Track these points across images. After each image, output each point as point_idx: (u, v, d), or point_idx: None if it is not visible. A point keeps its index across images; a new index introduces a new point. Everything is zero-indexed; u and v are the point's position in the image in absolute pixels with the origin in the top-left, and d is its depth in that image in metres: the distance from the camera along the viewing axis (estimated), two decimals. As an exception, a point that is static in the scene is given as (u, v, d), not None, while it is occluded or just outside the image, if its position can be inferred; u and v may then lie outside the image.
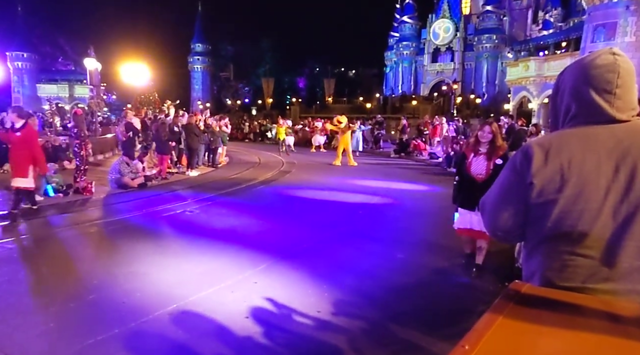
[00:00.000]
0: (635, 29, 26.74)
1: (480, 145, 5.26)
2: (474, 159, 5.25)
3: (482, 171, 5.16)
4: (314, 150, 24.21)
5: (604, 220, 1.41)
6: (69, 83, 58.25)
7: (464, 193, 5.32)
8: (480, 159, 5.21)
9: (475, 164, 5.22)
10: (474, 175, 5.19)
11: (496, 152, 5.15)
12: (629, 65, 1.50)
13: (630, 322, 1.18)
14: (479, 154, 5.23)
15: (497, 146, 5.18)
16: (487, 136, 5.20)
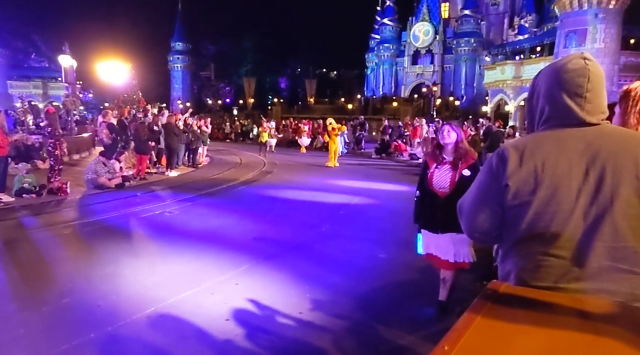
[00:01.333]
0: (604, 36, 27.56)
1: (444, 151, 4.23)
2: (436, 170, 4.21)
3: (445, 184, 4.13)
4: (304, 151, 24.19)
5: (575, 222, 1.44)
6: (43, 80, 56.80)
7: (425, 211, 4.34)
8: (444, 169, 4.16)
9: (437, 175, 4.19)
10: (436, 190, 4.18)
11: (464, 159, 4.10)
12: (599, 70, 1.54)
13: (599, 318, 1.22)
14: (443, 163, 4.19)
15: (463, 152, 4.13)
16: (449, 138, 4.18)
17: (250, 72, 67.29)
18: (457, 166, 4.09)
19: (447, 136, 4.18)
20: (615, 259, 1.41)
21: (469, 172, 4.00)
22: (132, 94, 22.49)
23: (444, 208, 3.99)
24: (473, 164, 4.08)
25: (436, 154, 4.26)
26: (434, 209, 4.19)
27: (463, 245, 4.15)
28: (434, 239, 4.29)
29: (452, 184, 4.08)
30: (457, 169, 4.08)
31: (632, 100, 1.91)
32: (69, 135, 18.34)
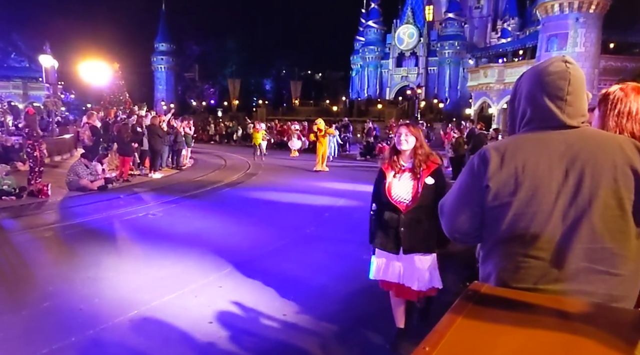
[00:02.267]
0: (585, 40, 28.07)
1: (402, 156, 3.61)
2: (394, 179, 3.59)
3: (406, 196, 3.52)
4: (296, 155, 22.97)
5: (554, 223, 1.46)
6: (23, 81, 55.81)
7: (384, 228, 3.66)
8: (404, 178, 3.57)
9: (397, 185, 3.57)
10: (395, 202, 3.53)
11: (426, 166, 3.51)
12: (580, 73, 1.55)
13: (577, 318, 1.24)
14: (402, 171, 3.58)
15: (424, 158, 3.54)
16: (406, 144, 3.53)
17: (235, 74, 66.99)
18: (418, 174, 3.49)
19: (405, 142, 3.52)
20: (593, 261, 1.43)
21: (432, 180, 3.46)
22: (119, 95, 22.23)
23: (406, 224, 3.47)
24: (436, 170, 3.52)
25: (393, 161, 3.61)
26: (395, 225, 3.54)
27: (430, 268, 3.54)
28: (394, 261, 3.61)
29: (415, 195, 3.46)
30: (418, 177, 3.49)
31: (611, 103, 1.94)
32: (50, 137, 18.08)
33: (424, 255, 3.53)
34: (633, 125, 1.88)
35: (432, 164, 3.52)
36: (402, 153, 3.59)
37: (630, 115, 1.89)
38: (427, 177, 3.47)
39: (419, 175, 3.49)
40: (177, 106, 55.65)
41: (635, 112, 1.89)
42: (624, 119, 1.89)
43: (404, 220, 3.49)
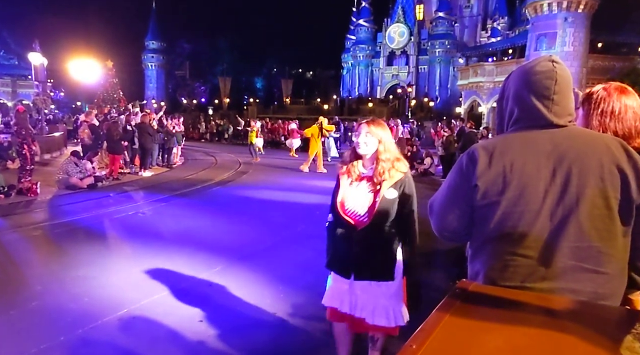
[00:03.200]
0: (573, 40, 28.30)
1: (363, 161, 2.94)
2: (350, 188, 2.93)
3: (361, 209, 2.87)
4: (295, 155, 21.46)
5: (542, 222, 1.47)
6: (12, 78, 55.27)
7: (336, 246, 3.05)
8: (362, 187, 2.89)
9: (352, 196, 2.91)
10: (348, 217, 2.90)
11: (389, 174, 2.82)
12: (566, 73, 1.57)
13: (564, 316, 1.25)
14: (360, 179, 2.92)
15: (388, 165, 2.82)
16: (365, 145, 2.85)
17: (225, 72, 66.71)
18: (378, 184, 2.80)
19: (364, 144, 2.84)
20: (580, 259, 1.44)
21: (394, 193, 2.78)
22: (112, 93, 22.07)
23: (360, 243, 2.84)
24: (401, 180, 2.82)
25: (352, 165, 2.93)
26: (348, 243, 2.89)
27: (390, 299, 2.92)
28: (346, 288, 2.99)
29: (371, 210, 2.80)
30: (378, 189, 2.80)
31: (594, 103, 1.97)
32: (40, 135, 17.92)
33: (384, 283, 2.89)
34: (616, 124, 1.91)
35: (397, 172, 2.81)
36: (362, 157, 2.90)
37: (613, 115, 1.91)
38: (389, 189, 2.77)
39: (379, 186, 2.79)
40: (168, 104, 55.24)
41: (618, 112, 1.91)
42: (607, 118, 1.92)
43: (357, 239, 2.84)
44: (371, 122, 2.90)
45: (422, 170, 15.89)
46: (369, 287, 2.90)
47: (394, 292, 2.94)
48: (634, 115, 1.93)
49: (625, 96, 1.95)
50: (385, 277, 2.89)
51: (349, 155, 2.98)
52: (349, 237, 2.89)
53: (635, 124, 1.92)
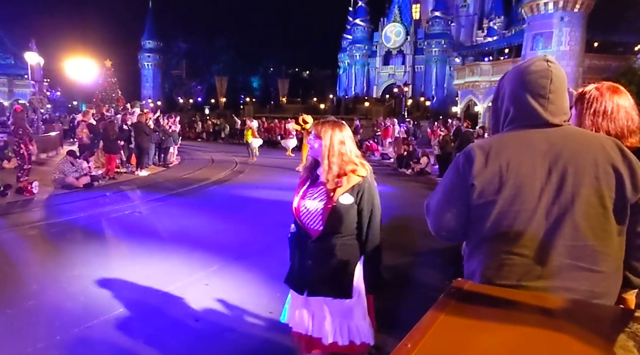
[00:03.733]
0: (569, 39, 28.35)
1: (321, 165, 2.63)
2: (308, 192, 2.67)
3: (316, 217, 2.60)
4: (292, 155, 21.31)
5: (537, 221, 1.48)
6: (8, 78, 55.16)
7: (293, 258, 2.81)
8: (318, 192, 2.62)
9: (308, 201, 2.64)
10: (304, 225, 2.65)
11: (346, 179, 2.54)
12: (561, 72, 1.58)
13: (559, 315, 1.26)
14: (318, 184, 2.66)
15: (338, 168, 2.55)
16: (313, 147, 2.63)
17: (222, 71, 66.63)
18: (331, 190, 2.53)
19: (312, 148, 2.63)
20: (576, 258, 1.45)
21: (349, 199, 2.51)
22: (111, 92, 22.00)
23: (314, 255, 2.59)
24: (358, 185, 2.53)
25: (311, 168, 2.71)
26: (302, 255, 2.64)
27: (349, 317, 2.62)
28: (301, 304, 2.70)
29: (324, 216, 2.53)
30: (331, 195, 2.53)
31: (587, 102, 1.98)
32: (36, 134, 17.86)
33: (339, 301, 2.58)
34: (609, 123, 1.92)
35: (354, 176, 2.53)
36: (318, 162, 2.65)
37: (605, 114, 1.93)
38: (343, 194, 2.50)
39: (332, 192, 2.52)
40: (165, 103, 55.17)
41: (611, 111, 1.93)
42: (599, 118, 1.93)
43: (311, 249, 2.58)
44: (320, 123, 2.63)
45: (419, 169, 15.91)
46: (324, 303, 2.61)
47: (354, 309, 2.61)
48: (626, 114, 1.94)
49: (617, 96, 1.97)
50: (341, 293, 2.58)
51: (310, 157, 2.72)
52: (303, 248, 2.63)
53: (627, 124, 1.93)
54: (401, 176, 15.72)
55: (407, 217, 8.49)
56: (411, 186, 13.28)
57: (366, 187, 2.56)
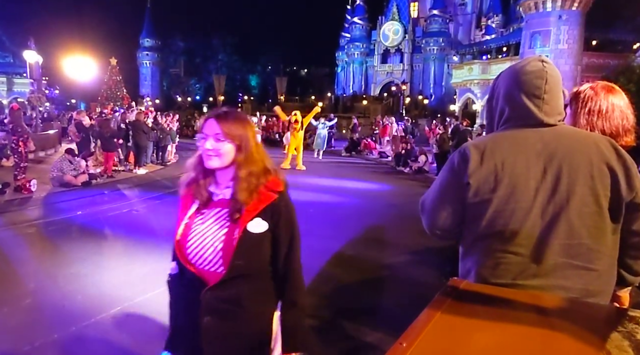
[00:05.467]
0: (567, 37, 28.38)
1: (217, 177, 1.84)
2: (198, 219, 1.82)
3: (213, 254, 1.75)
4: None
5: (533, 219, 1.48)
6: (7, 76, 55.12)
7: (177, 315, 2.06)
8: (215, 218, 1.79)
9: (199, 231, 1.79)
10: (194, 266, 1.80)
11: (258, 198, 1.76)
12: (556, 72, 1.59)
13: (554, 314, 1.26)
14: (212, 205, 1.82)
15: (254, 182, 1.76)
16: (214, 155, 1.75)
17: (220, 69, 66.54)
18: (237, 212, 1.74)
19: (212, 155, 1.75)
20: (570, 256, 1.46)
21: (263, 226, 1.74)
22: (116, 90, 21.99)
23: (212, 309, 1.76)
24: (273, 205, 1.77)
25: (198, 185, 1.84)
26: (194, 308, 1.79)
27: None
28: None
29: (228, 253, 1.71)
30: (237, 220, 1.73)
31: (582, 101, 1.98)
32: (34, 132, 17.83)
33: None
34: (603, 123, 1.93)
35: (266, 195, 1.76)
36: (215, 174, 1.82)
37: (600, 114, 1.93)
38: (254, 218, 1.72)
39: (239, 214, 1.73)
40: (163, 102, 55.02)
41: (605, 111, 1.93)
42: (594, 117, 1.94)
43: (208, 302, 1.74)
44: (224, 117, 1.77)
45: (417, 168, 15.92)
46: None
47: None
48: (621, 114, 1.95)
49: (612, 95, 1.97)
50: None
51: (194, 167, 1.84)
52: (194, 300, 1.77)
53: (622, 123, 1.94)
54: (399, 175, 15.74)
55: (405, 215, 8.50)
56: (409, 184, 13.29)
57: (283, 207, 1.80)
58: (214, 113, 1.83)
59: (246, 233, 1.72)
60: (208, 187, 1.84)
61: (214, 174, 1.83)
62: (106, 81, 23.96)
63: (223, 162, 1.76)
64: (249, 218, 1.73)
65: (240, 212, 1.74)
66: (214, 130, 1.76)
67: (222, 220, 1.77)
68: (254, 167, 1.78)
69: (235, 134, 1.75)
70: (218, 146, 1.74)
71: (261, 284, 1.83)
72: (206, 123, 1.81)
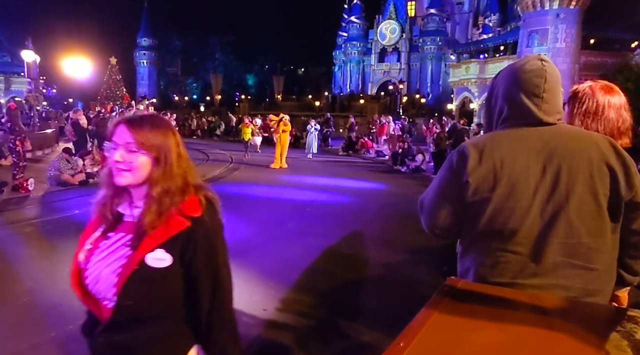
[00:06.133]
0: (565, 36, 28.36)
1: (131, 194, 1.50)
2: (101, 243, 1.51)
3: (107, 289, 1.41)
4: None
5: (532, 218, 1.48)
6: (5, 75, 54.90)
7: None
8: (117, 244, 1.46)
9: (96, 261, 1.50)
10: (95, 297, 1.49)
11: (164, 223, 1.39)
12: (555, 71, 1.59)
13: (553, 313, 1.26)
14: (117, 228, 1.50)
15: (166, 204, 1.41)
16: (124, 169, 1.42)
17: (217, 68, 66.48)
18: (139, 239, 1.41)
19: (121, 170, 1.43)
20: (570, 255, 1.46)
21: (166, 260, 1.39)
22: (116, 89, 21.95)
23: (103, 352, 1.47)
24: (184, 234, 1.41)
25: (104, 205, 1.55)
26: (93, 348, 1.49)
27: None
28: None
29: (120, 286, 1.39)
30: (138, 248, 1.40)
31: (579, 101, 1.98)
32: (32, 132, 17.79)
33: None
34: (598, 125, 1.92)
35: (177, 219, 1.42)
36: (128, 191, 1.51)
37: (596, 115, 1.93)
38: (155, 249, 1.39)
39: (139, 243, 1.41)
40: (160, 101, 54.93)
41: (601, 112, 1.93)
42: (589, 119, 1.93)
43: (97, 347, 1.47)
44: (138, 124, 1.44)
45: (414, 167, 15.93)
46: None
47: None
48: (616, 115, 1.94)
49: (610, 96, 1.97)
50: None
51: (104, 181, 1.53)
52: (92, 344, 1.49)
53: (617, 125, 1.93)
54: (396, 174, 15.74)
55: (402, 214, 8.51)
56: (406, 184, 13.29)
57: (201, 238, 1.43)
58: (127, 118, 1.47)
59: (142, 267, 1.37)
60: (116, 206, 1.52)
61: (127, 190, 1.50)
62: (106, 80, 23.95)
63: (136, 177, 1.43)
64: (148, 248, 1.38)
65: (142, 240, 1.40)
66: (125, 138, 1.42)
67: (124, 247, 1.44)
68: (171, 183, 1.44)
69: (151, 144, 1.42)
70: (130, 158, 1.42)
71: (167, 330, 1.46)
72: (116, 129, 1.45)
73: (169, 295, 1.43)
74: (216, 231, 1.50)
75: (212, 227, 1.48)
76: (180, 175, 1.47)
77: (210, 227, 1.47)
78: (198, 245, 1.42)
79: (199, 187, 1.53)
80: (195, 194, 1.49)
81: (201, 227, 1.43)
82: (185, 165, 1.53)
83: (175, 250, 1.40)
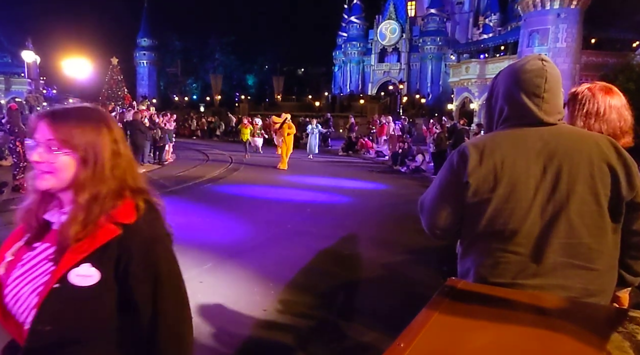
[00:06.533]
0: (566, 36, 28.33)
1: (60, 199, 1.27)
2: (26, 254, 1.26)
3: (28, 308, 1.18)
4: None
5: (532, 219, 1.47)
6: (5, 76, 54.99)
7: None
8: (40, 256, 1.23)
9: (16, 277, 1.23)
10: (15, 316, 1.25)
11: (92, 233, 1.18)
12: (556, 71, 1.58)
13: (553, 313, 1.25)
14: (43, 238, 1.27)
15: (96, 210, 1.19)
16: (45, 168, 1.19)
17: (217, 69, 66.52)
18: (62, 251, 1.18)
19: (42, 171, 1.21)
20: (570, 255, 1.45)
21: (94, 276, 1.16)
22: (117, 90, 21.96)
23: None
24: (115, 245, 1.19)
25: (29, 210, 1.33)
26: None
27: None
28: None
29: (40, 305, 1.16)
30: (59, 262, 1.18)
31: (579, 103, 1.97)
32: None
33: None
34: (601, 125, 1.92)
35: (105, 227, 1.20)
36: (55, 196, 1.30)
37: (598, 116, 1.93)
38: (79, 264, 1.17)
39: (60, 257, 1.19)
40: (160, 101, 54.94)
41: (603, 113, 1.93)
42: (591, 120, 1.93)
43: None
44: (60, 117, 1.24)
45: (414, 167, 15.93)
46: None
47: None
48: (618, 115, 1.94)
49: (610, 97, 1.96)
50: None
51: (31, 184, 1.31)
52: None
53: (619, 125, 1.93)
54: (396, 174, 15.75)
55: (402, 214, 8.51)
56: (406, 184, 13.29)
57: (135, 246, 1.23)
58: (50, 110, 1.26)
59: (64, 285, 1.15)
60: (43, 213, 1.30)
61: (56, 195, 1.27)
62: (107, 81, 23.96)
63: (59, 181, 1.21)
64: (71, 263, 1.16)
65: (64, 254, 1.18)
66: (45, 135, 1.20)
67: (48, 261, 1.22)
68: (102, 188, 1.21)
69: (77, 142, 1.20)
70: (50, 158, 1.19)
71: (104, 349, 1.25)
72: (37, 124, 1.22)
73: (96, 317, 1.20)
74: (156, 238, 1.29)
75: (151, 235, 1.27)
76: (115, 178, 1.25)
77: (147, 234, 1.25)
78: (132, 254, 1.20)
79: (139, 191, 1.30)
80: (132, 197, 1.26)
81: (136, 234, 1.22)
82: (125, 165, 1.28)
83: (104, 264, 1.18)
